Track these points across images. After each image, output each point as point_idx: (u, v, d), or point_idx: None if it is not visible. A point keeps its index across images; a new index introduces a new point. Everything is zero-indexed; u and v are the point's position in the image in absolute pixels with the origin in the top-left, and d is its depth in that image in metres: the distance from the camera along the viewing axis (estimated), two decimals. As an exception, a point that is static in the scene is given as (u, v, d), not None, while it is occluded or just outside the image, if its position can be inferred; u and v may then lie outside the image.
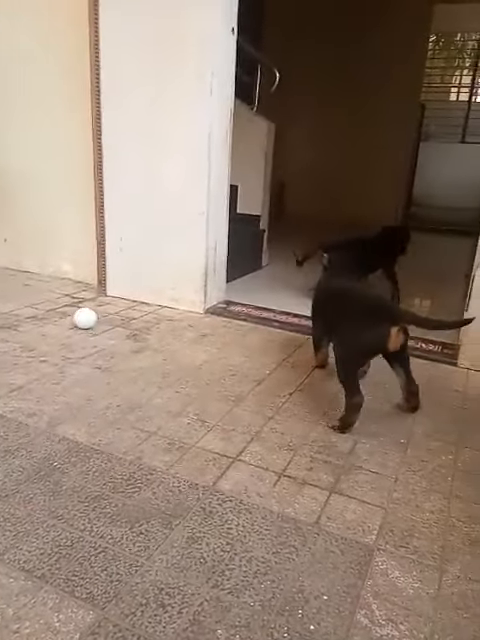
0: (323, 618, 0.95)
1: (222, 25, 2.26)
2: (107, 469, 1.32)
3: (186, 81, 2.29)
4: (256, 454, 1.44)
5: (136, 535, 1.11)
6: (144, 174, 2.50)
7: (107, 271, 2.72)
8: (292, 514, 1.21)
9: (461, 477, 1.39)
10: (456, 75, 10.08)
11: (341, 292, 1.79)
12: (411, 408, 1.71)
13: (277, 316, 2.59)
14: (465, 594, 1.03)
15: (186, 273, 2.56)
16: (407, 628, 0.95)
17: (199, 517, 1.18)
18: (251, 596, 0.99)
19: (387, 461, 1.44)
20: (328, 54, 5.76)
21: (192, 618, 0.93)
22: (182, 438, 1.48)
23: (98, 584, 0.99)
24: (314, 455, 1.45)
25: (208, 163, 2.35)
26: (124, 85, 2.43)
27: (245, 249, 3.46)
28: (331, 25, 5.70)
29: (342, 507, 1.25)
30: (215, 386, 1.83)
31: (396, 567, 1.08)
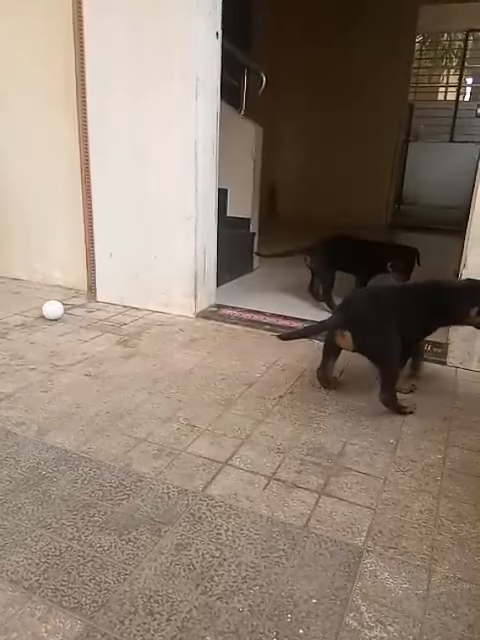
0: (312, 622, 0.95)
1: (206, 29, 2.26)
2: (96, 477, 1.31)
3: (171, 86, 2.29)
4: (246, 458, 1.44)
5: (125, 543, 1.11)
6: (131, 179, 2.50)
7: (97, 277, 2.72)
8: (281, 518, 1.21)
9: (450, 476, 1.39)
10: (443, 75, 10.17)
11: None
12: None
13: (268, 319, 2.59)
14: (454, 594, 1.03)
15: (176, 277, 2.56)
16: (396, 629, 0.95)
17: (188, 523, 1.17)
18: (240, 601, 0.99)
19: (376, 462, 1.44)
20: (315, 56, 5.78)
21: (181, 625, 0.93)
22: (172, 444, 1.48)
23: (86, 593, 0.99)
24: (304, 457, 1.45)
25: (195, 167, 2.35)
26: (110, 90, 2.43)
27: (235, 252, 3.46)
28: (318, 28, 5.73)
29: (331, 509, 1.25)
30: (205, 390, 1.83)
31: (385, 568, 1.08)
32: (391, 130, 6.00)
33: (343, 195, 5.96)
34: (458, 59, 9.55)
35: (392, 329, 1.67)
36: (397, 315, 1.70)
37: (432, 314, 1.78)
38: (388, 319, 1.69)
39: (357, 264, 2.78)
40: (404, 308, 1.74)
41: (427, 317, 1.78)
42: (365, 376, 1.96)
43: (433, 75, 10.18)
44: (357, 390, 1.88)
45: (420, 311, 1.75)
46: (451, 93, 9.54)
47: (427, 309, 1.75)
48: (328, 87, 5.84)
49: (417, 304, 1.76)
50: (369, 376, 1.93)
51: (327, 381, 1.88)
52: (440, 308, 1.76)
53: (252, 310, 2.70)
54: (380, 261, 2.71)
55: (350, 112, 5.82)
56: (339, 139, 5.95)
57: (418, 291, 1.84)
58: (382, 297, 1.80)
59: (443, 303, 1.76)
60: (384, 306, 1.73)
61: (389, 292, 1.87)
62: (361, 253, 2.80)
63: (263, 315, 2.64)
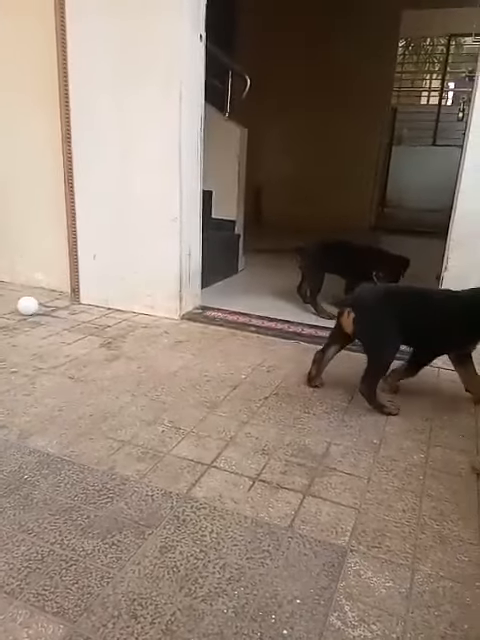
0: (296, 622, 0.96)
1: (190, 32, 2.26)
2: (79, 480, 1.30)
3: (155, 88, 2.29)
4: (231, 460, 1.43)
5: (108, 546, 1.10)
6: (115, 181, 2.49)
7: (80, 279, 2.70)
8: (266, 519, 1.21)
9: (432, 475, 1.41)
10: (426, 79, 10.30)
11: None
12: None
13: (253, 320, 2.59)
14: (436, 592, 1.04)
15: (161, 279, 2.55)
16: (379, 628, 0.95)
17: (172, 526, 1.17)
18: (224, 603, 0.98)
19: (360, 462, 1.45)
20: (300, 60, 5.81)
21: (165, 628, 0.93)
22: (156, 446, 1.47)
23: (69, 598, 0.98)
24: (288, 459, 1.46)
25: (179, 169, 2.35)
26: (93, 92, 2.42)
27: (221, 254, 3.46)
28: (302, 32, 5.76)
29: (316, 509, 1.25)
30: (190, 392, 1.82)
31: (369, 567, 1.09)
32: (374, 133, 6.05)
33: (328, 198, 6.00)
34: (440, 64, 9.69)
35: (393, 329, 1.70)
36: (403, 317, 1.70)
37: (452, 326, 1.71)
38: (392, 318, 1.70)
39: (347, 269, 2.78)
40: (414, 312, 1.73)
41: (445, 328, 1.72)
42: (349, 378, 1.98)
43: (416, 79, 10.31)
44: (341, 391, 1.89)
45: (435, 321, 1.72)
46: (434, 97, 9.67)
47: (443, 319, 1.72)
48: (312, 90, 5.87)
49: (433, 312, 1.73)
50: (353, 378, 1.94)
51: (318, 369, 1.89)
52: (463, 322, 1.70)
53: (238, 312, 2.71)
54: (370, 268, 2.72)
55: (334, 115, 5.86)
56: (323, 142, 5.98)
57: (436, 299, 1.79)
58: (395, 296, 1.80)
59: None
60: (393, 305, 1.75)
61: (404, 293, 1.84)
62: (352, 258, 2.79)
63: (249, 317, 2.64)
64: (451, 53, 9.28)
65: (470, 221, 1.93)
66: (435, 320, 1.72)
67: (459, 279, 1.91)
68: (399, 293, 1.84)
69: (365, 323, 1.73)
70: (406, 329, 1.71)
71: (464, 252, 1.95)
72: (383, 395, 1.78)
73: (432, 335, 1.74)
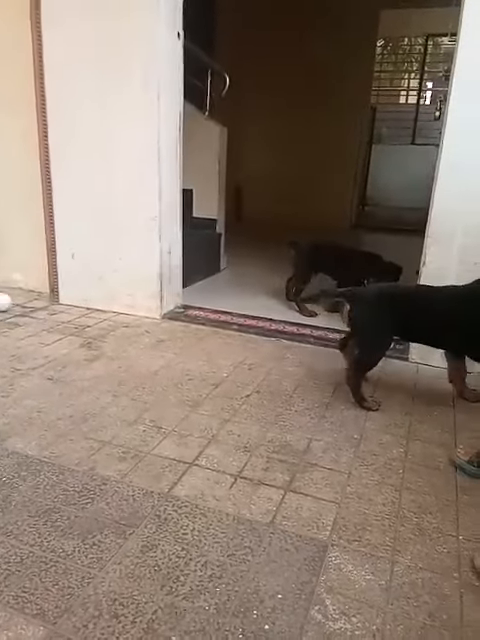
0: (278, 617, 0.96)
1: (167, 30, 2.25)
2: (58, 482, 1.29)
3: (132, 87, 2.28)
4: (212, 458, 1.44)
5: (89, 547, 1.09)
6: (94, 180, 2.47)
7: (59, 279, 2.67)
8: (248, 515, 1.22)
9: (411, 469, 1.43)
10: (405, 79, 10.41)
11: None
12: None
13: (235, 319, 2.60)
14: (415, 583, 1.06)
15: (141, 278, 2.54)
16: (359, 620, 0.96)
17: (154, 525, 1.17)
18: (206, 600, 0.99)
19: (341, 457, 1.47)
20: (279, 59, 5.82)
21: (146, 626, 0.93)
22: (137, 446, 1.47)
23: (49, 599, 0.97)
24: (270, 455, 1.46)
25: (158, 168, 2.34)
26: (69, 94, 2.40)
27: (202, 253, 3.46)
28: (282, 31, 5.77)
29: (297, 505, 1.26)
30: (172, 392, 1.82)
31: (349, 561, 1.10)
32: (354, 132, 6.10)
33: (308, 197, 6.02)
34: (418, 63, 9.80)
35: (387, 326, 1.73)
36: (398, 316, 1.72)
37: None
38: (388, 315, 1.73)
39: (338, 272, 2.76)
40: (411, 311, 1.74)
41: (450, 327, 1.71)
42: (330, 374, 1.99)
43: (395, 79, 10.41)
44: (322, 387, 1.90)
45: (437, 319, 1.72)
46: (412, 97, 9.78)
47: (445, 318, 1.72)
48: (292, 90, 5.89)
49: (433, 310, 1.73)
50: (334, 373, 1.96)
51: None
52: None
53: (219, 310, 2.70)
54: (362, 273, 2.69)
55: (314, 114, 5.89)
56: (303, 141, 6.01)
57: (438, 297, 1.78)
58: (393, 296, 1.80)
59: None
60: (388, 304, 1.76)
61: (403, 293, 1.85)
62: (344, 262, 2.76)
63: (230, 315, 2.64)
64: (429, 53, 9.40)
65: (446, 218, 1.95)
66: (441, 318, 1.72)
67: (436, 274, 1.94)
68: (398, 295, 1.84)
69: (360, 318, 1.78)
70: (402, 327, 1.74)
71: (440, 248, 1.97)
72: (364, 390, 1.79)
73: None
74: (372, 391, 1.87)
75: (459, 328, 1.68)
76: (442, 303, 1.70)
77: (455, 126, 1.90)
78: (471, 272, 1.65)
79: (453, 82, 1.89)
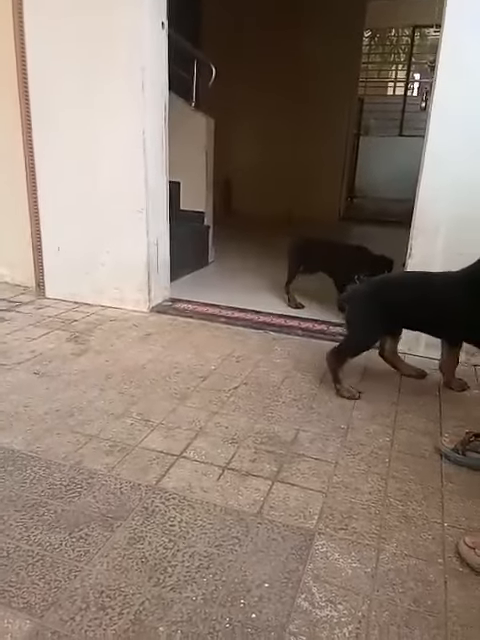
0: (265, 605, 0.97)
1: (151, 20, 2.23)
2: (45, 476, 1.29)
3: (116, 78, 2.25)
4: (200, 450, 1.44)
5: (76, 540, 1.09)
6: (78, 174, 2.44)
7: (45, 273, 2.65)
8: (235, 506, 1.22)
9: (397, 458, 1.44)
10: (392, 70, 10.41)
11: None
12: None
13: (223, 311, 2.59)
14: (401, 570, 1.07)
15: (129, 271, 2.52)
16: (346, 607, 0.97)
17: (141, 517, 1.17)
18: (193, 590, 0.99)
19: (328, 447, 1.48)
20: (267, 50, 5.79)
21: (133, 618, 0.93)
22: (125, 439, 1.47)
23: (36, 592, 0.97)
24: (258, 446, 1.47)
25: (144, 159, 2.32)
26: (53, 86, 2.37)
27: (190, 246, 3.45)
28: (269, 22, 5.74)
29: (284, 495, 1.27)
30: (160, 385, 1.82)
31: (336, 549, 1.11)
32: (342, 124, 6.09)
33: (296, 189, 6.02)
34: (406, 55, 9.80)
35: (376, 317, 1.77)
36: (390, 307, 1.75)
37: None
38: (374, 309, 1.77)
39: (329, 268, 2.71)
40: (401, 299, 1.76)
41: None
42: (318, 365, 2.00)
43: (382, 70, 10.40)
44: (310, 379, 1.91)
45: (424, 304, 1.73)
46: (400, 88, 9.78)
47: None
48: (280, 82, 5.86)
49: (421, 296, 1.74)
50: (322, 365, 1.97)
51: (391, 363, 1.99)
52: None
53: (207, 303, 2.70)
54: (352, 268, 2.60)
55: (302, 106, 5.87)
56: (292, 133, 5.99)
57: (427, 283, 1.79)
58: (382, 288, 1.84)
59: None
60: (377, 295, 1.80)
61: (393, 282, 1.90)
62: (334, 258, 2.72)
63: (218, 308, 2.64)
64: (416, 44, 9.39)
65: (431, 209, 1.96)
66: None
67: (422, 265, 1.95)
68: (388, 284, 1.87)
69: (350, 312, 1.88)
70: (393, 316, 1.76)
71: (426, 239, 1.98)
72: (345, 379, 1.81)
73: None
74: (358, 381, 1.88)
75: (457, 315, 1.68)
76: (438, 290, 1.71)
77: (439, 117, 1.91)
78: (455, 262, 1.65)
79: (438, 73, 1.89)
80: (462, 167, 1.90)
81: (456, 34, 1.84)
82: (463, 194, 1.92)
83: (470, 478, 1.36)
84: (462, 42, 1.83)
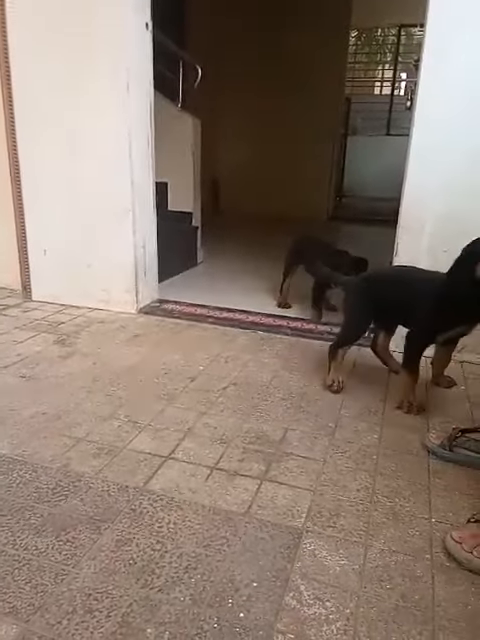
0: (253, 604, 0.97)
1: (135, 21, 2.22)
2: (32, 479, 1.28)
3: (101, 78, 2.24)
4: (188, 450, 1.43)
5: (63, 544, 1.08)
6: (64, 174, 2.43)
7: (31, 275, 2.63)
8: (224, 506, 1.22)
9: (385, 454, 1.45)
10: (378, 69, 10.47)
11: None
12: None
13: (211, 312, 2.59)
14: (388, 566, 1.07)
15: (116, 273, 2.51)
16: (333, 604, 0.98)
17: (129, 519, 1.16)
18: (181, 591, 0.99)
19: (316, 445, 1.48)
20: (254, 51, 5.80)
21: (121, 620, 0.92)
22: (112, 442, 1.46)
23: (22, 597, 0.96)
24: (246, 446, 1.47)
25: (130, 160, 2.31)
26: (37, 87, 2.35)
27: (179, 246, 3.44)
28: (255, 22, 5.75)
29: (272, 494, 1.27)
30: (148, 386, 1.81)
31: (324, 547, 1.11)
32: (329, 124, 6.11)
33: (285, 189, 6.03)
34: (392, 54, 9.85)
35: (365, 308, 1.82)
36: (377, 298, 1.79)
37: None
38: (365, 297, 1.82)
39: (311, 268, 2.64)
40: (385, 292, 1.79)
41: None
42: (306, 364, 2.00)
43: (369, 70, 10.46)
44: (298, 378, 1.91)
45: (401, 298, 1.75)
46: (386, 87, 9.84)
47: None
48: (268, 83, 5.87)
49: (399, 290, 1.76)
50: (310, 364, 1.97)
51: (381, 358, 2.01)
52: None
53: (196, 304, 2.70)
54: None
55: (290, 106, 5.89)
56: (280, 133, 6.01)
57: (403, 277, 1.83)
58: (372, 278, 1.90)
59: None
60: (365, 288, 1.85)
61: (382, 275, 1.92)
62: (315, 258, 2.56)
63: (207, 309, 2.64)
64: (402, 43, 9.45)
65: (416, 207, 1.97)
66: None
67: (408, 263, 1.95)
68: (378, 277, 1.91)
69: (344, 301, 1.94)
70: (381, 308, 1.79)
71: (411, 237, 1.99)
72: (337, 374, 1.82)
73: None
74: (347, 377, 1.88)
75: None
76: (413, 289, 1.72)
77: (423, 116, 1.92)
78: (440, 260, 1.66)
79: (421, 73, 1.90)
80: (446, 166, 1.91)
81: (439, 34, 1.85)
82: (447, 192, 1.93)
83: (457, 474, 1.37)
84: (445, 42, 1.84)
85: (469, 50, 1.82)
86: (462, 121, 1.87)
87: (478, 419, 1.63)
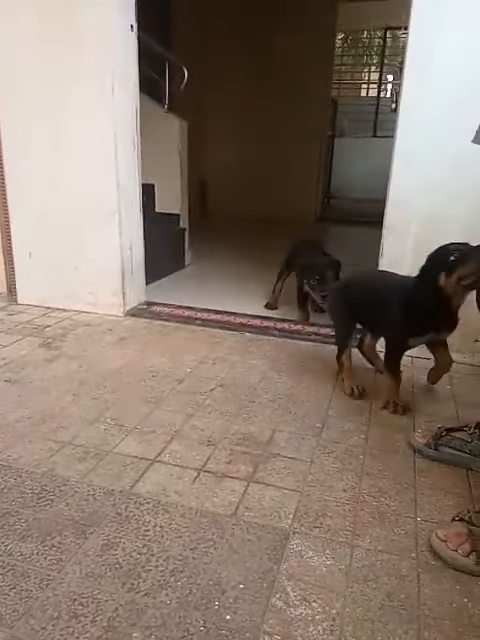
0: (239, 606, 0.97)
1: (119, 23, 2.21)
2: (17, 484, 1.26)
3: (86, 81, 2.23)
4: (175, 453, 1.43)
5: (48, 549, 1.07)
6: (49, 176, 2.41)
7: (16, 278, 2.60)
8: (211, 508, 1.22)
9: (371, 454, 1.45)
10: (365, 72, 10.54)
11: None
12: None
13: (199, 314, 2.59)
14: (374, 565, 1.08)
15: (102, 275, 2.50)
16: (320, 605, 0.98)
17: (115, 523, 1.16)
18: (168, 595, 0.98)
19: (303, 446, 1.48)
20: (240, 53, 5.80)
21: (106, 625, 0.92)
22: (98, 445, 1.45)
23: (6, 603, 0.95)
24: (233, 448, 1.47)
25: (115, 162, 2.30)
26: (22, 88, 2.34)
27: (166, 248, 3.43)
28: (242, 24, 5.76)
29: (259, 495, 1.27)
30: (134, 389, 1.80)
31: (310, 547, 1.11)
32: (317, 125, 6.14)
33: (274, 191, 6.05)
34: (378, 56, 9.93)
35: (345, 313, 1.87)
36: (354, 303, 1.83)
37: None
38: (344, 302, 1.88)
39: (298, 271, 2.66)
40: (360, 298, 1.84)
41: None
42: (294, 365, 2.01)
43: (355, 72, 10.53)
44: (285, 379, 1.92)
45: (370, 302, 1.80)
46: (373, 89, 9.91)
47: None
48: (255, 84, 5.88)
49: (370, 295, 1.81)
50: (298, 366, 1.98)
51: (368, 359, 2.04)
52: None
53: (183, 306, 2.69)
54: (303, 275, 2.57)
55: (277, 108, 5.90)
56: (268, 135, 6.02)
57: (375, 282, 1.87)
58: (349, 284, 1.96)
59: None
60: (345, 292, 1.91)
61: (358, 280, 1.97)
62: (300, 261, 2.65)
63: (194, 310, 2.63)
64: (388, 46, 9.52)
65: (400, 208, 1.99)
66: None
67: (394, 263, 1.97)
68: (356, 281, 1.96)
69: (329, 309, 2.04)
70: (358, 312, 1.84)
71: (396, 237, 2.01)
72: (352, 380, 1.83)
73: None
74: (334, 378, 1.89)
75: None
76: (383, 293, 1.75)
77: (407, 118, 1.94)
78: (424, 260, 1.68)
79: (404, 75, 1.92)
80: (430, 168, 1.93)
81: (422, 37, 1.87)
82: (431, 194, 1.95)
83: (442, 472, 1.38)
84: (428, 44, 1.86)
85: (451, 53, 1.84)
86: (445, 122, 1.89)
87: (463, 418, 1.64)
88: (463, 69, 1.84)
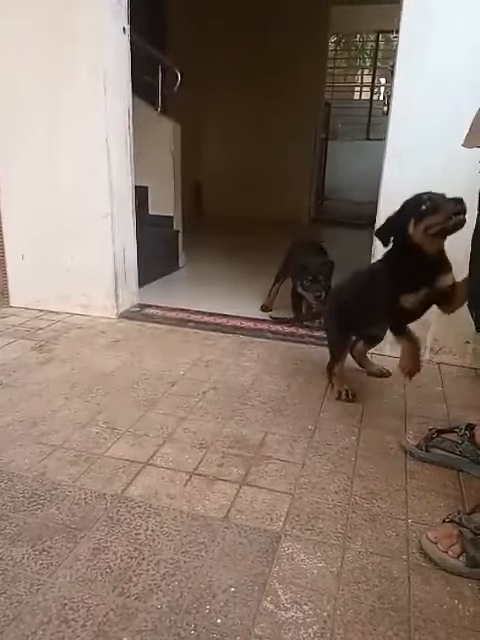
0: (230, 610, 0.97)
1: (112, 25, 2.22)
2: (7, 488, 1.26)
3: (78, 83, 2.23)
4: (167, 456, 1.43)
5: (38, 553, 1.07)
6: (42, 179, 2.41)
7: (9, 281, 2.59)
8: (202, 511, 1.22)
9: (363, 456, 1.46)
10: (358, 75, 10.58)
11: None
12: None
13: (192, 316, 2.59)
14: (366, 567, 1.08)
15: (95, 278, 2.50)
16: (311, 608, 0.98)
17: (106, 527, 1.15)
18: (158, 599, 0.98)
19: (295, 448, 1.48)
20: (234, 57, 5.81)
21: (97, 629, 0.91)
22: (90, 448, 1.45)
23: (-4, 609, 0.94)
24: (226, 450, 1.47)
25: (108, 164, 2.30)
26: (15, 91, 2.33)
27: (160, 250, 3.43)
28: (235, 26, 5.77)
29: (251, 498, 1.27)
30: (127, 392, 1.80)
31: (301, 550, 1.12)
32: (310, 129, 6.16)
33: (268, 193, 6.05)
34: (371, 59, 9.97)
35: (335, 321, 1.89)
36: (345, 307, 1.83)
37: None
38: (335, 312, 1.90)
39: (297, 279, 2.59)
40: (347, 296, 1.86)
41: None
42: (287, 368, 2.01)
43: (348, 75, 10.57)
44: (278, 381, 1.92)
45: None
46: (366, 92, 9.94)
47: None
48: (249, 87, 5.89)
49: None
50: (291, 368, 1.98)
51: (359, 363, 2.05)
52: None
53: (177, 308, 2.69)
54: (294, 277, 2.57)
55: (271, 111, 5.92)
56: (262, 137, 6.03)
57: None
58: (337, 290, 2.00)
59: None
60: (336, 300, 1.94)
61: (343, 283, 1.96)
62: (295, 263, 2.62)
63: (188, 313, 2.63)
64: (380, 49, 9.57)
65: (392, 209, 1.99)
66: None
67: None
68: (346, 285, 1.93)
69: (323, 326, 2.06)
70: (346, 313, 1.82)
71: (388, 240, 2.02)
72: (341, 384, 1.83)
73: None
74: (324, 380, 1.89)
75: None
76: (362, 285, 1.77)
77: (398, 120, 1.95)
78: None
79: (395, 77, 1.93)
80: (421, 170, 1.94)
81: (412, 38, 1.88)
82: (423, 196, 1.96)
83: (433, 474, 1.39)
84: (418, 47, 1.87)
85: (442, 56, 1.85)
86: (437, 125, 1.90)
87: (454, 419, 1.65)
88: (454, 71, 1.85)
